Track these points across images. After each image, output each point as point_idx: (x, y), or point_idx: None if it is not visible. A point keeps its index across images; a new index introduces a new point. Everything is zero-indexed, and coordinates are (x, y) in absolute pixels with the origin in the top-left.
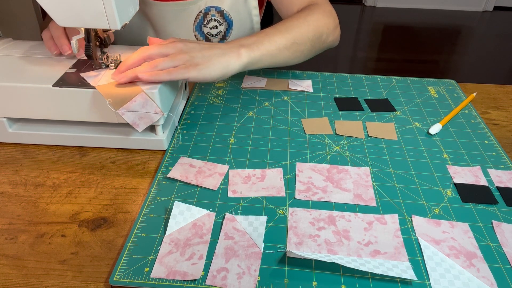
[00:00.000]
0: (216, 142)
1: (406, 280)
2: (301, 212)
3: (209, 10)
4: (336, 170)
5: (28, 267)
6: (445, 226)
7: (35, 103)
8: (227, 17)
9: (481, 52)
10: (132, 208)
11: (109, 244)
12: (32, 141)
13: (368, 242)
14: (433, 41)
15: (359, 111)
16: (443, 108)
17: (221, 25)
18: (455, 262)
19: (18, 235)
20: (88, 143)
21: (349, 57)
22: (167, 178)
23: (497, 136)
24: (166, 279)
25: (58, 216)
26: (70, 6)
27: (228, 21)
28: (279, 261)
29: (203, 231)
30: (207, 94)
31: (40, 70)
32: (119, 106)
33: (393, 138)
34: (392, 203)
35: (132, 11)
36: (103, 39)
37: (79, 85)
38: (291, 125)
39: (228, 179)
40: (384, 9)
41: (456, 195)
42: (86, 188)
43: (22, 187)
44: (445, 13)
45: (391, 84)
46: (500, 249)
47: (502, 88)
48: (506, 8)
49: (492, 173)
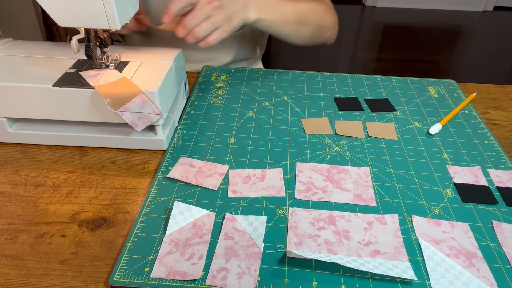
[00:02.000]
0: (216, 142)
1: (406, 280)
2: (301, 212)
3: None
4: (336, 170)
5: (28, 267)
6: (445, 226)
7: (35, 103)
8: None
9: (481, 52)
10: (132, 208)
11: (109, 244)
12: (32, 141)
13: (368, 242)
14: (433, 41)
15: (359, 111)
16: (443, 108)
17: None
18: (455, 262)
19: (18, 235)
20: (88, 143)
21: (349, 57)
22: (167, 178)
23: (497, 136)
24: (166, 279)
25: (58, 216)
26: (70, 6)
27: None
28: (279, 261)
29: (203, 231)
30: (207, 94)
31: (40, 70)
32: (118, 107)
33: (393, 138)
34: (392, 203)
35: (132, 11)
36: (103, 39)
37: (79, 85)
38: (291, 125)
39: (228, 179)
40: (384, 9)
41: (456, 195)
42: (86, 188)
43: (22, 187)
44: (445, 13)
45: (391, 84)
46: (500, 249)
47: (502, 88)
48: (506, 8)
49: (492, 173)
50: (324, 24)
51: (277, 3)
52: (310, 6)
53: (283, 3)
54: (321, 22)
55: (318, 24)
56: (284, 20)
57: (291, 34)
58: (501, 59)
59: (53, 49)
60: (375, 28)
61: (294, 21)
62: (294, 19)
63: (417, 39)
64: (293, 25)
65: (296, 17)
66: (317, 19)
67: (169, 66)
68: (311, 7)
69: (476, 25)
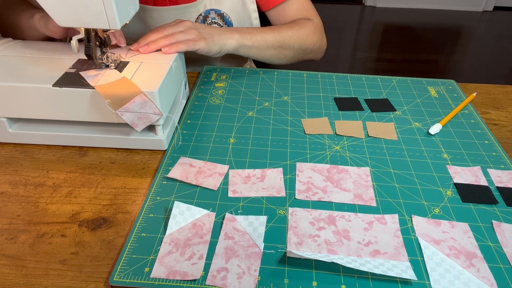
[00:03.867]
0: (216, 142)
1: (406, 280)
2: (301, 212)
3: (209, 13)
4: (336, 170)
5: (28, 267)
6: (445, 226)
7: (35, 103)
8: (227, 20)
9: (481, 52)
10: (132, 208)
11: (109, 244)
12: (32, 141)
13: (368, 242)
14: (433, 41)
15: (359, 111)
16: (443, 108)
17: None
18: (455, 262)
19: (18, 235)
20: (88, 143)
21: (349, 57)
22: (167, 178)
23: (497, 136)
24: (166, 279)
25: (58, 216)
26: (70, 6)
27: (228, 23)
28: (279, 261)
29: (203, 231)
30: (207, 94)
31: (40, 70)
32: (118, 107)
33: (393, 138)
34: (392, 203)
35: (132, 11)
36: (103, 39)
37: (79, 85)
38: (291, 125)
39: (228, 179)
40: (384, 9)
41: (456, 195)
42: (86, 188)
43: (22, 187)
44: (445, 13)
45: (391, 84)
46: (500, 249)
47: (502, 88)
48: (506, 8)
49: (492, 173)
50: (307, 47)
51: (257, 30)
52: (293, 30)
53: (264, 29)
54: (304, 46)
55: (301, 47)
56: (266, 45)
57: (274, 57)
58: (501, 59)
59: (53, 49)
60: (375, 28)
61: (276, 46)
62: (276, 44)
63: (417, 39)
64: (276, 49)
65: (277, 42)
66: (299, 43)
67: (169, 66)
68: (294, 31)
69: (476, 25)
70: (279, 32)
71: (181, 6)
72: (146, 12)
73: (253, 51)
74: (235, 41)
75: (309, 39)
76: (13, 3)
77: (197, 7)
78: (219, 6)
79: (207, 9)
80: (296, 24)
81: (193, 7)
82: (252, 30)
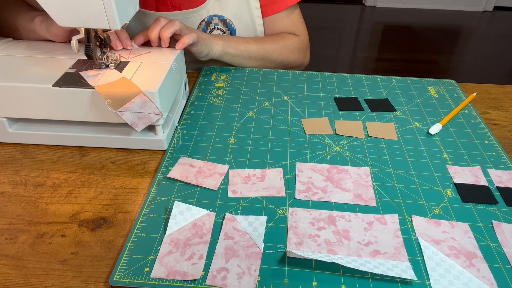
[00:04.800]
0: (216, 142)
1: (406, 280)
2: (301, 212)
3: (212, 19)
4: (336, 170)
5: (28, 267)
6: (445, 226)
7: (35, 103)
8: (230, 26)
9: (481, 52)
10: (132, 208)
11: (109, 244)
12: (32, 141)
13: (368, 242)
14: (433, 41)
15: (359, 111)
16: (443, 108)
17: (224, 33)
18: (455, 262)
19: (18, 235)
20: (88, 143)
21: (349, 57)
22: (167, 178)
23: (497, 136)
24: (166, 279)
25: (58, 216)
26: (70, 6)
27: (231, 29)
28: (279, 261)
29: (203, 231)
30: (207, 94)
31: (40, 70)
32: (118, 107)
33: (393, 138)
34: (392, 203)
35: (132, 11)
36: (103, 39)
37: (79, 85)
38: (291, 125)
39: (228, 179)
40: (384, 9)
41: (456, 195)
42: (86, 188)
43: (22, 187)
44: (445, 13)
45: (391, 84)
46: (500, 249)
47: (502, 88)
48: (506, 8)
49: (492, 173)
50: (288, 63)
51: (242, 40)
52: (277, 45)
53: (249, 40)
54: (286, 61)
55: (282, 62)
56: (248, 56)
57: (256, 67)
58: (501, 59)
59: (53, 49)
60: (375, 28)
61: (258, 57)
62: (258, 56)
63: (417, 39)
64: (257, 61)
65: (260, 54)
66: (281, 58)
67: (169, 66)
68: (277, 46)
69: (476, 25)
70: (263, 44)
71: (184, 12)
72: (148, 17)
73: (236, 59)
74: (220, 47)
75: (291, 55)
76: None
77: (200, 13)
78: (223, 12)
79: (210, 14)
80: (281, 39)
81: (196, 13)
82: (238, 39)
